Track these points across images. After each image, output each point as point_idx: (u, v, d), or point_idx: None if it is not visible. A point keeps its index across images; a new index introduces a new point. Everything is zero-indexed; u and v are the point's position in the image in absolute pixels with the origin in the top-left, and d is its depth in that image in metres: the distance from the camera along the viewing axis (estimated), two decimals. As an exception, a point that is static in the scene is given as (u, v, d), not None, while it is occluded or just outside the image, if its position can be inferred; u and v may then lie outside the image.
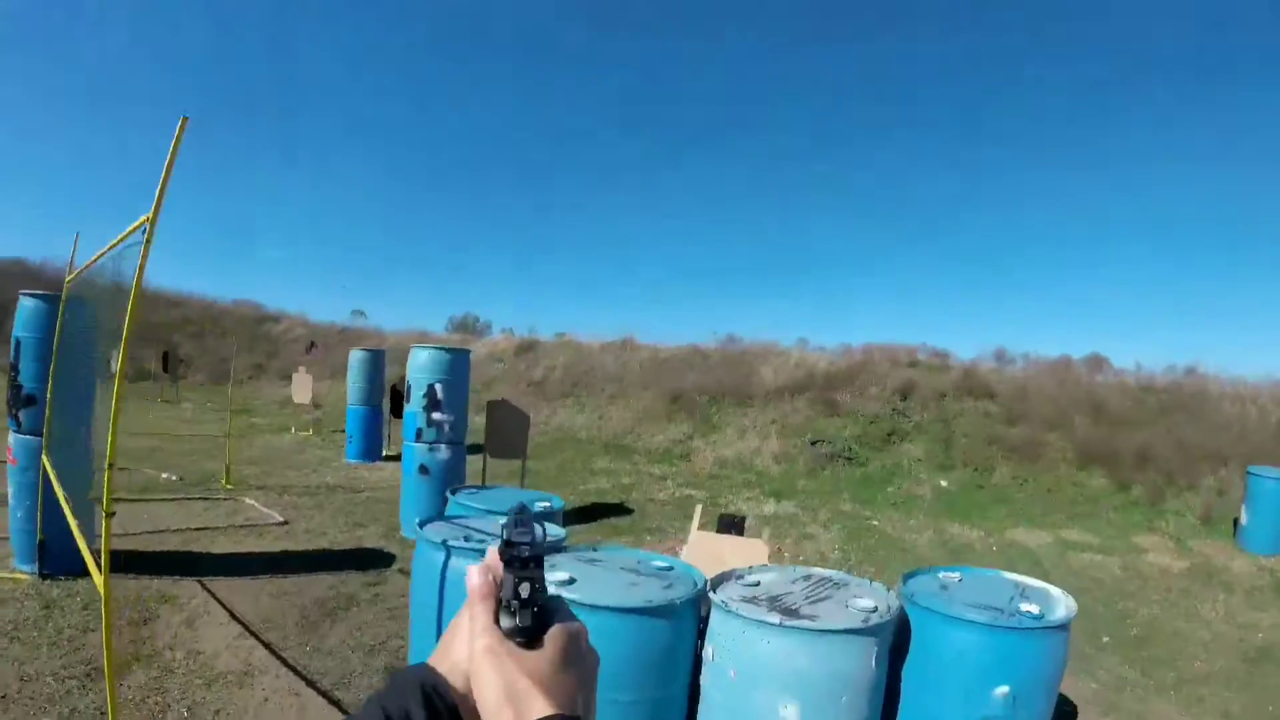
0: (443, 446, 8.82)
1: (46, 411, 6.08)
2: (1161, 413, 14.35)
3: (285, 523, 9.00)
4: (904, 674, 3.34)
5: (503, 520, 0.77)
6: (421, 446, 8.79)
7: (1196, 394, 15.17)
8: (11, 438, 6.40)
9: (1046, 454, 13.31)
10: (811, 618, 2.92)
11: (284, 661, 5.10)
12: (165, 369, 22.09)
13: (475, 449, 10.13)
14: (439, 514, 4.64)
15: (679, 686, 3.23)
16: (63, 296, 6.06)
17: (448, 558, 3.67)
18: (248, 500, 9.96)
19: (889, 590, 3.37)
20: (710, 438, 15.38)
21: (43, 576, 6.20)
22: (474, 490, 5.64)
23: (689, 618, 3.20)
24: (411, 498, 8.66)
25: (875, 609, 3.06)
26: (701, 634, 3.25)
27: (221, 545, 7.83)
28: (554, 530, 4.25)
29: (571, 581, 3.12)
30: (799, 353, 19.11)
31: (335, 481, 12.00)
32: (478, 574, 0.75)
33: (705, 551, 5.67)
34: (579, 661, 0.75)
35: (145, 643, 5.26)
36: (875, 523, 10.75)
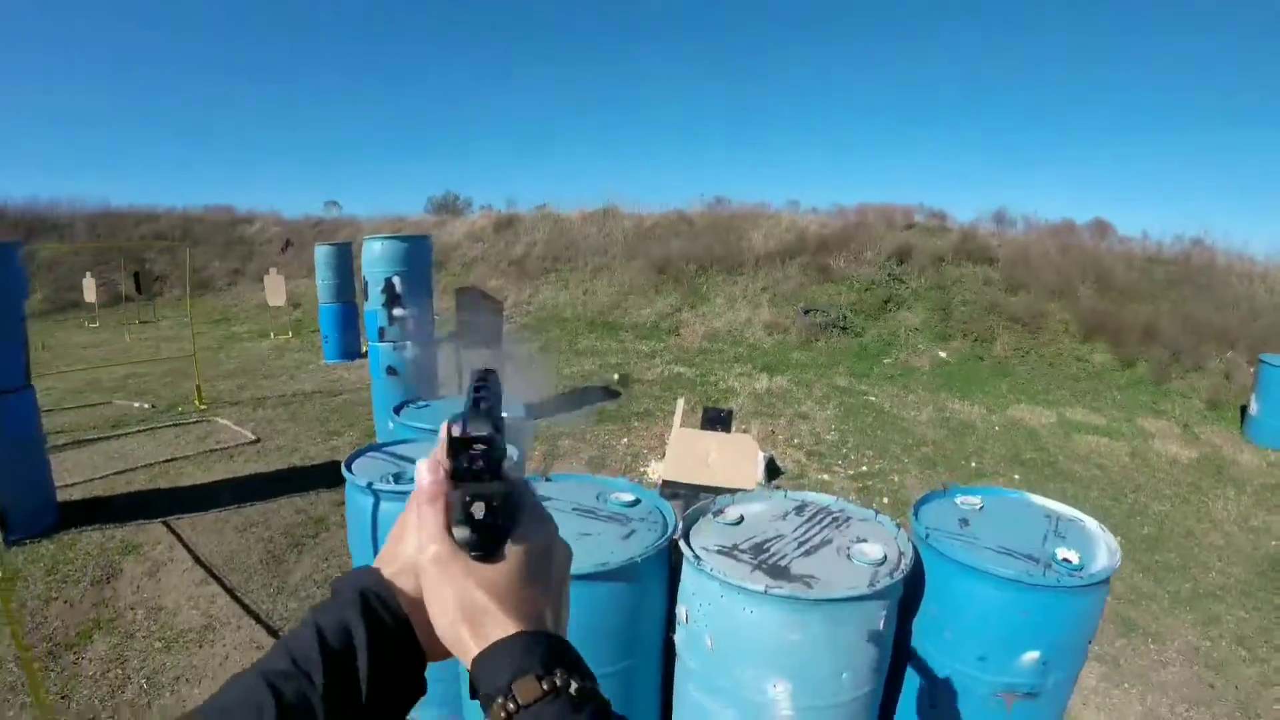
0: (408, 344, 8.26)
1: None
2: (1169, 285, 13.80)
3: (257, 440, 8.71)
4: (914, 629, 2.81)
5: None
6: (386, 346, 8.22)
7: (1204, 268, 14.55)
8: None
9: (1048, 325, 12.83)
10: (805, 579, 2.35)
11: (246, 608, 5.02)
12: (139, 289, 21.36)
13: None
14: (372, 444, 4.05)
15: (650, 653, 2.74)
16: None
17: (377, 504, 3.12)
18: (220, 420, 9.61)
19: (899, 528, 2.80)
20: (699, 309, 14.82)
21: (9, 544, 5.87)
22: (424, 404, 5.01)
23: (656, 574, 2.66)
24: (383, 402, 8.11)
25: (884, 559, 2.50)
26: (675, 581, 2.71)
27: (190, 476, 7.57)
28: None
29: (512, 537, 2.57)
30: (790, 216, 18.42)
31: (312, 386, 11.61)
32: (427, 470, 0.66)
33: (689, 453, 5.20)
34: (545, 566, 0.68)
35: (107, 604, 5.12)
36: (872, 398, 10.30)
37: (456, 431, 0.62)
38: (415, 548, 0.64)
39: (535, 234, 19.66)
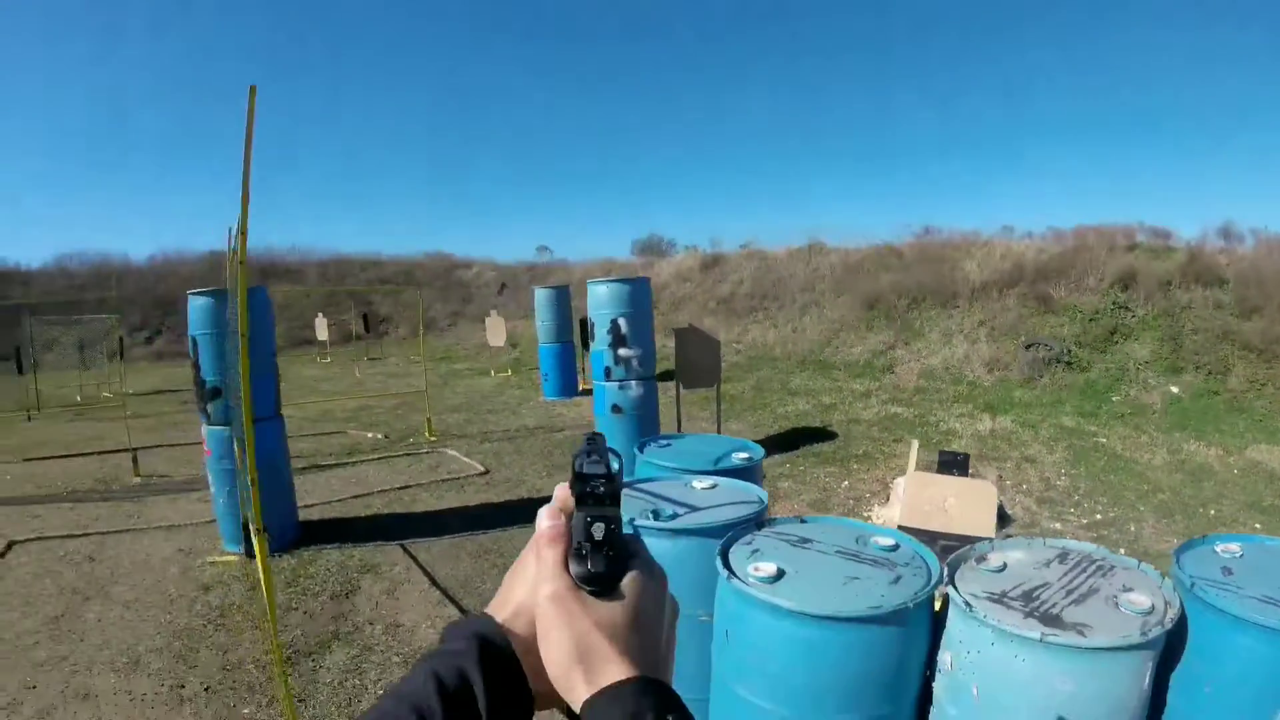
0: (633, 383, 8.67)
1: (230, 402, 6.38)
2: None
3: (486, 472, 9.23)
4: (1172, 681, 2.80)
5: (577, 451, 0.71)
6: (612, 385, 8.68)
7: None
8: (204, 430, 6.74)
9: (1287, 353, 11.89)
10: (1078, 627, 2.43)
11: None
12: (367, 329, 23.23)
13: (666, 375, 9.94)
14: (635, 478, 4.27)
15: (908, 700, 2.81)
16: (229, 289, 6.22)
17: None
18: (450, 451, 10.28)
19: (1163, 577, 2.83)
20: (913, 345, 14.68)
21: (250, 556, 6.46)
22: (665, 442, 5.17)
23: (923, 620, 2.76)
24: (609, 440, 8.54)
25: (1152, 609, 2.54)
26: (935, 631, 2.81)
27: (424, 503, 8.10)
28: (754, 494, 3.86)
29: (780, 576, 2.75)
30: (1004, 243, 17.91)
31: (534, 422, 12.24)
32: (547, 515, 0.70)
33: (925, 498, 5.24)
34: (658, 614, 0.68)
35: (345, 618, 5.46)
36: (1102, 440, 9.93)
37: (577, 465, 0.69)
38: (530, 589, 0.66)
39: (741, 272, 19.96)
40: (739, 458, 4.66)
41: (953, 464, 5.69)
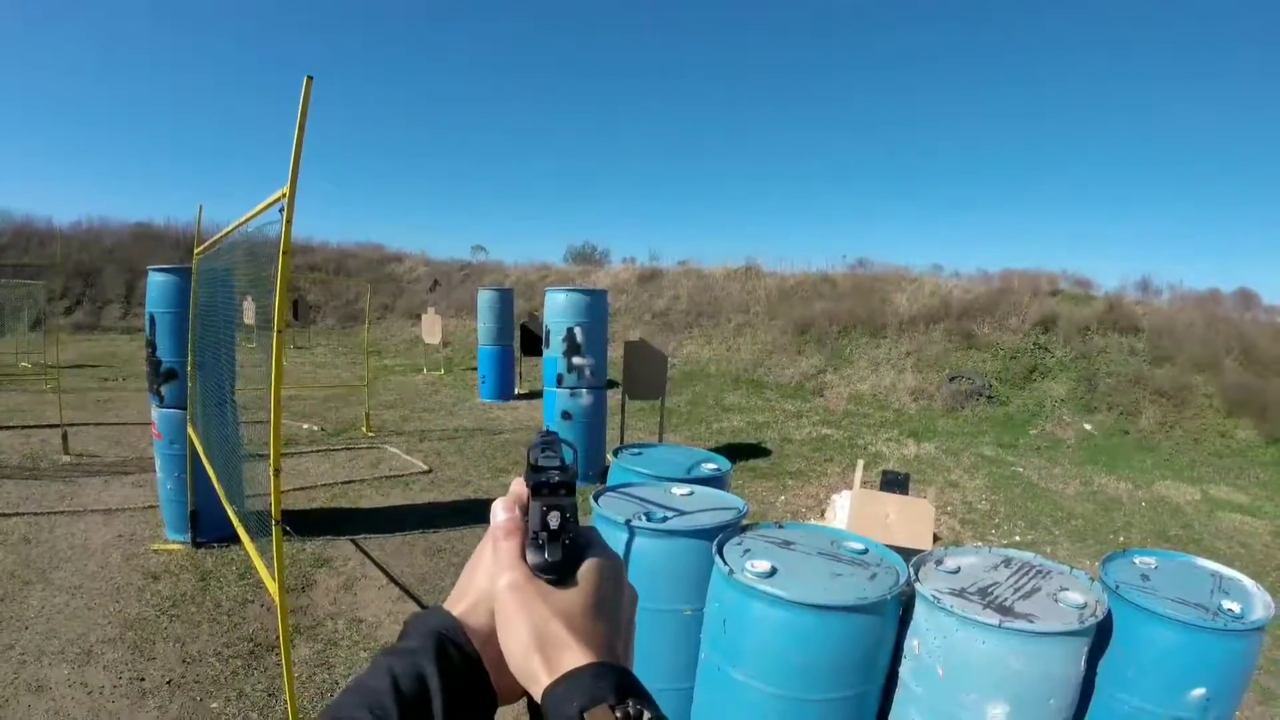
0: (584, 392, 8.88)
1: (189, 384, 6.16)
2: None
3: (429, 470, 9.20)
4: (1100, 668, 3.25)
5: (532, 444, 0.72)
6: (563, 392, 8.86)
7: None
8: (155, 413, 6.49)
9: (1193, 399, 12.73)
10: (1028, 617, 2.85)
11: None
12: (296, 316, 22.83)
13: (609, 384, 10.14)
14: (608, 484, 4.44)
15: (879, 680, 3.19)
16: (194, 270, 6.03)
17: (631, 539, 3.59)
18: (390, 448, 10.21)
19: (1092, 580, 3.27)
20: (843, 371, 15.24)
21: (196, 545, 6.37)
22: (637, 450, 5.37)
23: (894, 611, 3.14)
24: (556, 446, 8.78)
25: (1085, 604, 2.98)
26: (901, 622, 3.18)
27: (370, 499, 8.05)
28: (733, 501, 4.14)
29: (773, 573, 3.07)
30: (933, 279, 18.72)
31: (473, 424, 12.22)
32: (503, 508, 0.70)
33: (869, 512, 5.59)
34: (616, 601, 0.68)
35: (305, 612, 5.40)
36: (1020, 469, 10.48)
37: (532, 458, 0.70)
38: (489, 579, 0.66)
39: (678, 288, 20.29)
40: (708, 468, 4.92)
41: (895, 483, 6.07)
